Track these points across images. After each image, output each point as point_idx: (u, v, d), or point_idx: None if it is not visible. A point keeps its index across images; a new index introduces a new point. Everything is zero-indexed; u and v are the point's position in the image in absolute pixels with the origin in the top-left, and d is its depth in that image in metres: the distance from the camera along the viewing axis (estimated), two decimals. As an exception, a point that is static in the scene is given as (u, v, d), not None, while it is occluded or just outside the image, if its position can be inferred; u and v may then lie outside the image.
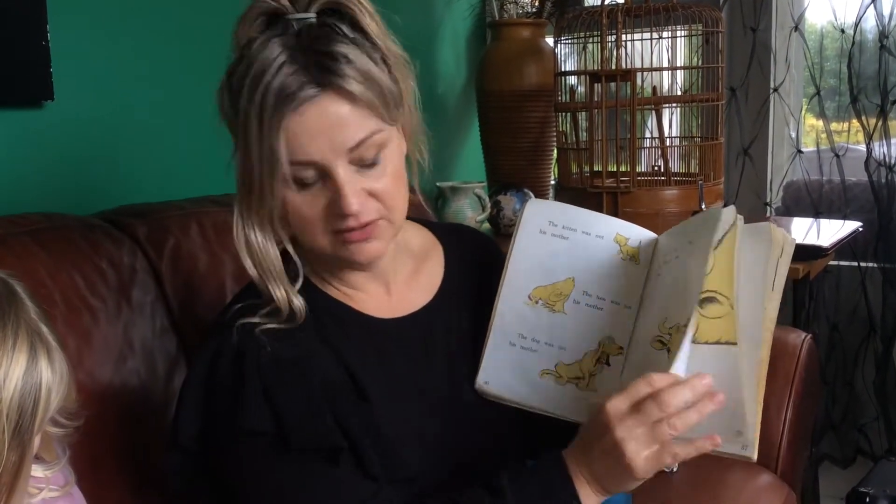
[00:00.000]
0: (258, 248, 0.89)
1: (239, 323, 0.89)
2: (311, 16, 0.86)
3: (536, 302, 0.97)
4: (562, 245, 0.97)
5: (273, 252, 0.90)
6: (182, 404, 0.90)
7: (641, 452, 0.79)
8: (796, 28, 2.18)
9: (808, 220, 2.11)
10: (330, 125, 0.84)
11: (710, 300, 0.86)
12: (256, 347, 0.87)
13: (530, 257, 0.98)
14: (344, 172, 0.86)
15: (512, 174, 2.18)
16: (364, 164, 0.87)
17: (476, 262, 1.07)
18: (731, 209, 0.91)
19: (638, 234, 0.99)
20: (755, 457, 0.82)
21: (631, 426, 0.79)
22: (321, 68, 0.83)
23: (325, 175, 0.86)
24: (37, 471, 0.82)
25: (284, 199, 0.87)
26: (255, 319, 0.90)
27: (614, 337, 0.95)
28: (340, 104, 0.84)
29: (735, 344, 0.83)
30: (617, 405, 0.81)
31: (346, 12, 0.87)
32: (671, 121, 2.08)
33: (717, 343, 0.84)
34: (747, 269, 0.87)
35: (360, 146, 0.86)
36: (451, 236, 1.07)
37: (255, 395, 0.85)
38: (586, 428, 0.85)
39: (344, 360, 0.92)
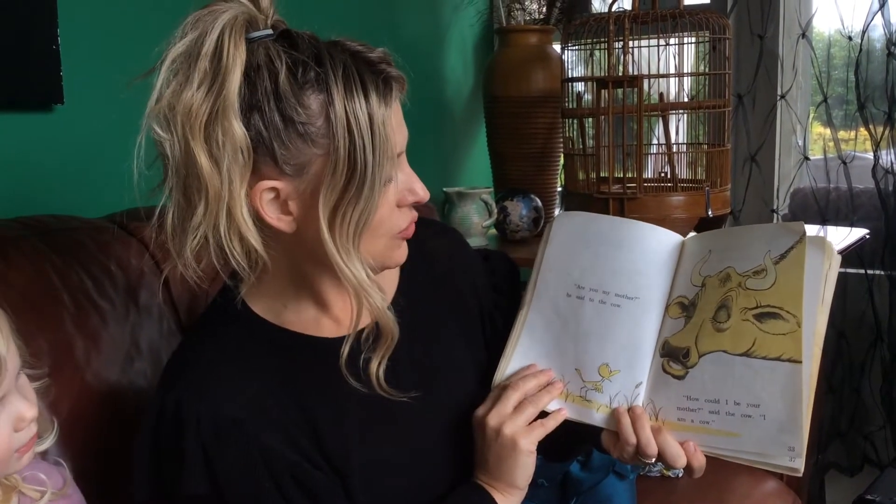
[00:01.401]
0: (356, 266, 0.84)
1: (184, 375, 0.87)
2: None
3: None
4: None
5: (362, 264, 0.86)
6: (133, 462, 0.87)
7: (517, 428, 0.91)
8: (803, 35, 2.18)
9: (815, 227, 2.11)
10: (401, 115, 0.88)
11: (772, 315, 0.87)
12: (197, 406, 0.84)
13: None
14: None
15: (519, 180, 2.18)
16: None
17: (440, 257, 1.06)
18: (800, 224, 0.91)
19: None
20: (802, 469, 0.84)
21: (498, 412, 0.92)
22: (377, 62, 0.85)
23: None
24: (38, 471, 0.83)
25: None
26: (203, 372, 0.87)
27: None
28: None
29: (800, 362, 0.85)
30: (481, 408, 0.94)
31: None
32: (678, 127, 2.08)
33: (778, 360, 0.86)
34: (807, 284, 0.87)
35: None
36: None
37: (193, 459, 0.83)
38: (475, 445, 0.95)
39: (304, 405, 0.89)
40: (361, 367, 0.89)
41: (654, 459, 0.90)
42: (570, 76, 1.95)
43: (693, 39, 1.97)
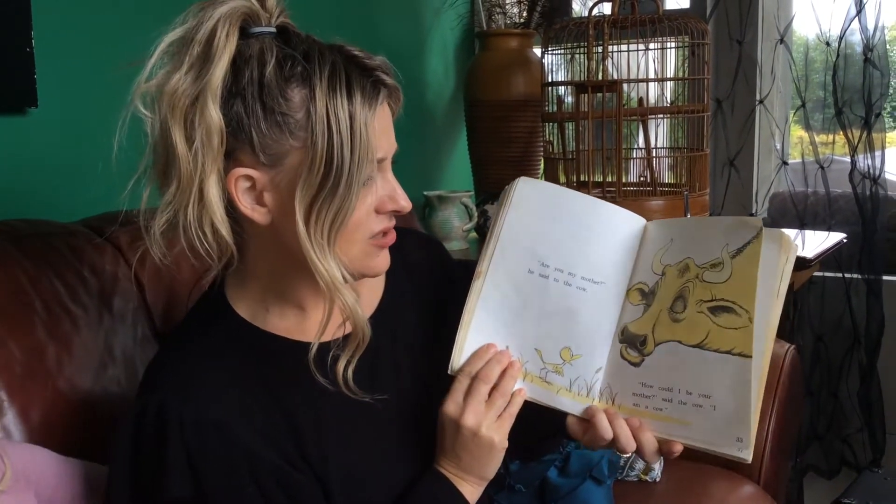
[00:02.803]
0: (327, 262, 0.84)
1: (167, 377, 0.87)
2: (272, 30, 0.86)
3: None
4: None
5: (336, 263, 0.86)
6: (111, 465, 0.86)
7: (492, 424, 0.90)
8: (782, 41, 2.19)
9: (793, 231, 2.12)
10: (389, 122, 0.88)
11: (725, 309, 0.88)
12: (180, 408, 0.83)
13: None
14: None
15: (499, 183, 2.17)
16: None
17: (422, 268, 1.06)
18: (758, 220, 0.92)
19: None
20: (751, 458, 0.85)
21: (473, 410, 0.90)
22: (373, 68, 0.85)
23: (378, 173, 0.88)
24: None
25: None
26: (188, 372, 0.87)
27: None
28: (388, 105, 0.89)
29: (750, 357, 0.86)
30: (451, 403, 0.91)
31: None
32: (658, 131, 2.09)
33: (729, 353, 0.87)
34: (762, 279, 0.88)
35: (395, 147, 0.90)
36: (393, 243, 0.97)
37: (176, 462, 0.83)
38: (441, 436, 0.93)
39: (285, 408, 0.89)
40: (329, 365, 0.88)
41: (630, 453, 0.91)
42: (550, 80, 1.96)
43: (673, 44, 1.98)
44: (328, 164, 0.82)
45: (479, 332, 0.95)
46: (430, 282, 1.06)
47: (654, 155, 1.94)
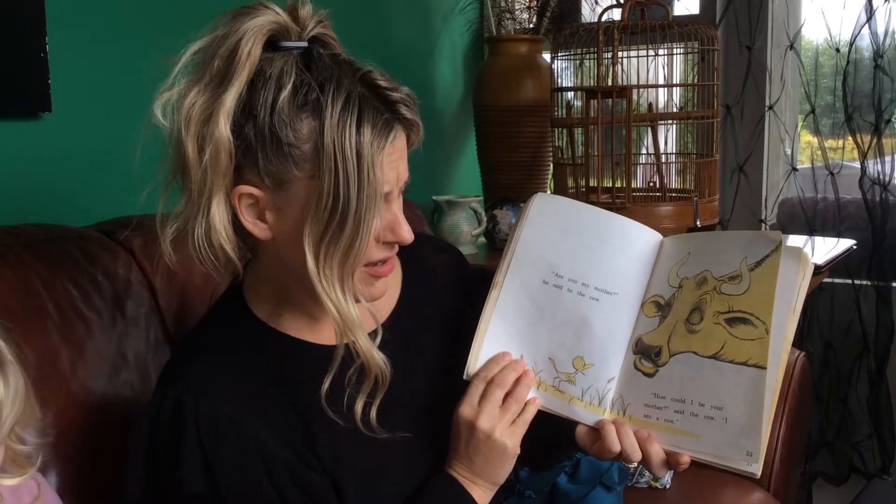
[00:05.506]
0: (342, 300, 0.85)
1: (184, 373, 0.89)
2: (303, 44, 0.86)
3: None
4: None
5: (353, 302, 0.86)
6: (129, 458, 0.88)
7: (505, 429, 0.91)
8: (792, 47, 2.19)
9: (802, 238, 2.12)
10: (401, 156, 0.87)
11: (742, 320, 0.89)
12: (196, 404, 0.85)
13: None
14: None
15: (508, 188, 2.19)
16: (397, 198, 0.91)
17: (438, 273, 1.07)
18: (777, 233, 0.92)
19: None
20: (759, 473, 0.85)
21: (488, 414, 0.91)
22: (394, 101, 0.85)
23: (383, 204, 0.87)
24: (4, 480, 0.81)
25: None
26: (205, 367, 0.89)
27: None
28: (404, 136, 0.88)
29: (765, 369, 0.86)
30: (467, 406, 0.92)
31: (330, 42, 0.89)
32: (667, 137, 2.09)
33: (744, 364, 0.87)
34: (779, 293, 0.89)
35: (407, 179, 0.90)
36: (411, 249, 0.97)
37: (192, 456, 0.84)
38: (455, 439, 0.94)
39: (298, 408, 0.90)
40: (346, 403, 0.89)
41: (636, 464, 0.92)
42: (559, 86, 1.96)
43: (682, 50, 1.98)
44: (335, 202, 0.82)
45: (494, 340, 0.96)
46: (446, 286, 1.06)
47: (663, 161, 1.94)
